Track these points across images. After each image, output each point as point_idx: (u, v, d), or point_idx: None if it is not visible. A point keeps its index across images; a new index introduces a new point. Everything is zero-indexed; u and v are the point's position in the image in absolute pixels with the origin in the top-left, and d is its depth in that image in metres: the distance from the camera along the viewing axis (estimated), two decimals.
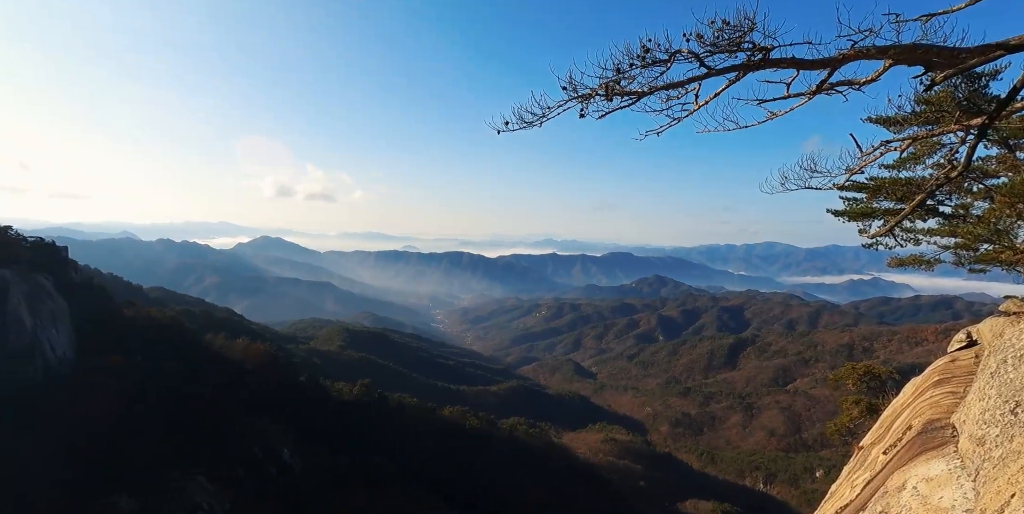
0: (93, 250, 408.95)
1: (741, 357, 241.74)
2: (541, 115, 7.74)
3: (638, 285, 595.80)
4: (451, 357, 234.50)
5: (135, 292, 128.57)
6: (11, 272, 45.61)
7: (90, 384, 44.50)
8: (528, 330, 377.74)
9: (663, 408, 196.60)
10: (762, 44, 7.18)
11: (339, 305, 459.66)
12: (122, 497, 32.72)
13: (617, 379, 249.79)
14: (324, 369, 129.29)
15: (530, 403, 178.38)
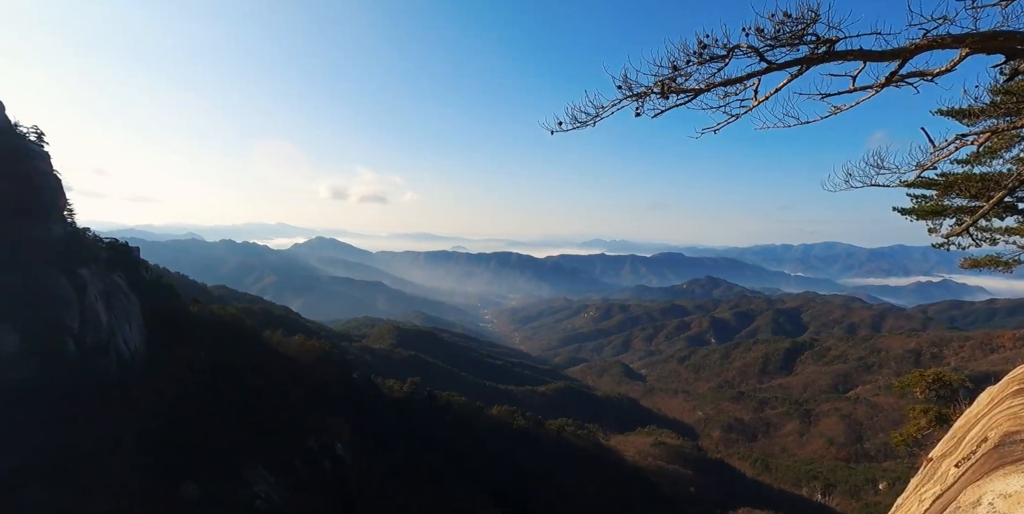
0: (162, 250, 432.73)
1: (798, 362, 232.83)
2: (595, 115, 7.70)
3: (689, 286, 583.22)
4: (499, 357, 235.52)
5: (200, 290, 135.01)
6: (89, 271, 48.66)
7: (160, 376, 47.02)
8: (576, 331, 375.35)
9: (715, 413, 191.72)
10: (826, 36, 6.94)
11: (390, 304, 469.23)
12: (189, 483, 34.51)
13: (667, 382, 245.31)
14: (376, 366, 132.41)
15: (578, 404, 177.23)
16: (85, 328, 44.33)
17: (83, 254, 50.65)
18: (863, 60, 7.27)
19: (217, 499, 35.29)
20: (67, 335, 42.26)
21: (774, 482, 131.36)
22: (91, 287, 46.69)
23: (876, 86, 7.56)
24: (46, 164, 53.06)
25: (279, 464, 45.31)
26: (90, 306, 45.43)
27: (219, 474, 37.63)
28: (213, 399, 47.32)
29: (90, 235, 59.02)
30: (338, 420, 64.09)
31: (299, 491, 44.02)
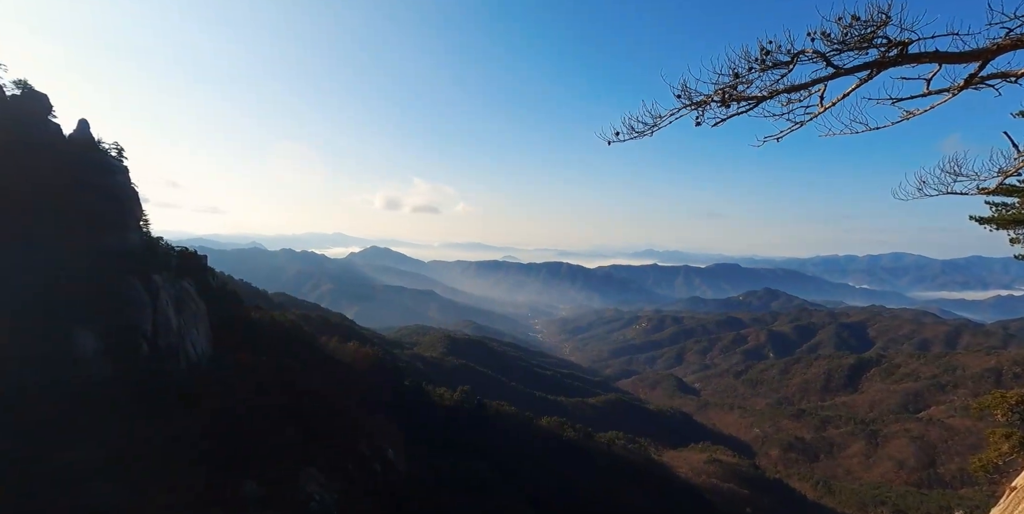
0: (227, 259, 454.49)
1: (864, 379, 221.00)
2: (652, 124, 7.65)
3: (746, 298, 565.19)
4: (549, 367, 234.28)
5: (261, 297, 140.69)
6: (162, 278, 51.59)
7: (224, 378, 49.17)
8: (628, 342, 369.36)
9: (773, 430, 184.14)
10: (898, 38, 6.68)
11: (441, 313, 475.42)
12: (249, 482, 35.78)
13: (722, 397, 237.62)
14: (427, 374, 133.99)
15: (629, 417, 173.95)
16: (157, 331, 46.91)
17: (156, 261, 53.77)
18: (939, 62, 6.96)
19: (274, 499, 36.41)
20: (141, 337, 44.82)
21: (838, 506, 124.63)
22: (163, 292, 49.43)
23: (954, 89, 7.21)
24: (125, 177, 56.84)
25: (332, 467, 46.36)
26: (162, 310, 48.07)
27: (275, 475, 38.84)
28: (272, 401, 49.02)
29: (163, 244, 62.60)
30: (390, 425, 65.20)
31: (351, 494, 44.87)
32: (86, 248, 47.18)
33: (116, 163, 57.15)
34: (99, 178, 53.58)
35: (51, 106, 54.97)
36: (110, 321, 43.09)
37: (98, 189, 52.35)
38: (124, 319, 44.45)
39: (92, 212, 49.74)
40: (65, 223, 46.79)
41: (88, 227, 48.64)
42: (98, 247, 48.66)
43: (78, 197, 49.50)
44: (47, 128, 53.91)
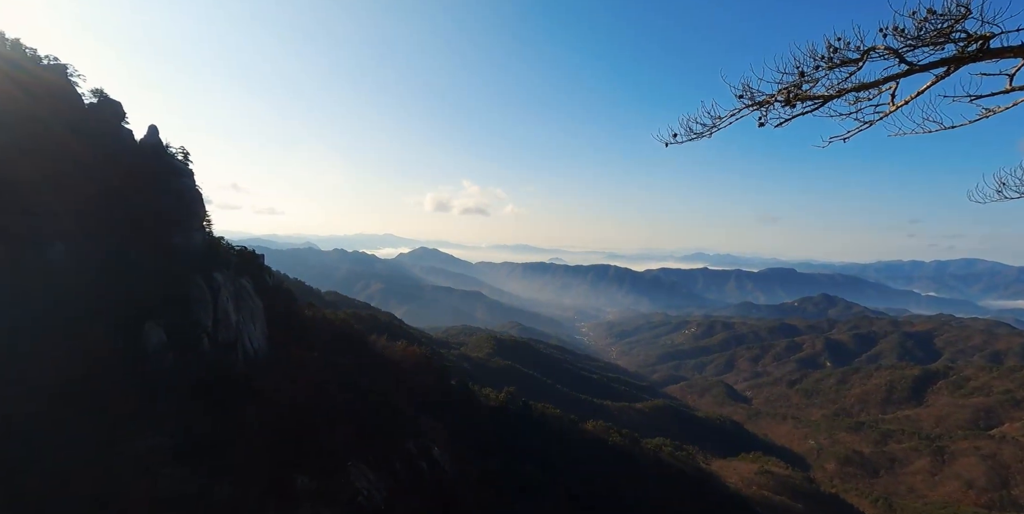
0: (283, 258, 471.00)
1: (929, 392, 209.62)
2: (711, 126, 7.51)
3: (801, 304, 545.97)
4: (595, 371, 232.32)
5: (314, 295, 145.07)
6: (223, 275, 53.88)
7: (278, 374, 50.93)
8: (676, 347, 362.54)
9: (829, 443, 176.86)
10: (978, 32, 6.34)
11: (488, 314, 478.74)
12: (301, 476, 36.95)
13: (775, 406, 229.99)
14: (473, 374, 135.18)
15: (676, 424, 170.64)
16: (217, 326, 49.03)
17: (218, 260, 56.20)
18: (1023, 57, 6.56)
19: (324, 493, 37.46)
20: (202, 332, 46.93)
21: None
22: (224, 289, 51.62)
23: None
24: (190, 180, 59.76)
25: (380, 464, 47.34)
26: (222, 307, 50.22)
27: (326, 469, 39.95)
28: (323, 397, 50.47)
29: (224, 243, 65.33)
30: (436, 425, 65.99)
31: (398, 491, 45.69)
32: (155, 247, 49.84)
33: (182, 167, 60.16)
34: (167, 181, 56.60)
35: (124, 113, 58.38)
36: (175, 316, 45.29)
37: (166, 191, 55.30)
38: (188, 315, 46.66)
39: (161, 213, 52.57)
40: (137, 224, 49.59)
41: (157, 227, 51.41)
42: (166, 246, 51.33)
43: (148, 199, 52.38)
44: (121, 134, 57.30)
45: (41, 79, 52.35)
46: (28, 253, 40.28)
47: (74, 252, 43.44)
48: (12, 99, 47.27)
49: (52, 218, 43.48)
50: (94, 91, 57.18)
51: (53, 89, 53.08)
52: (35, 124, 48.06)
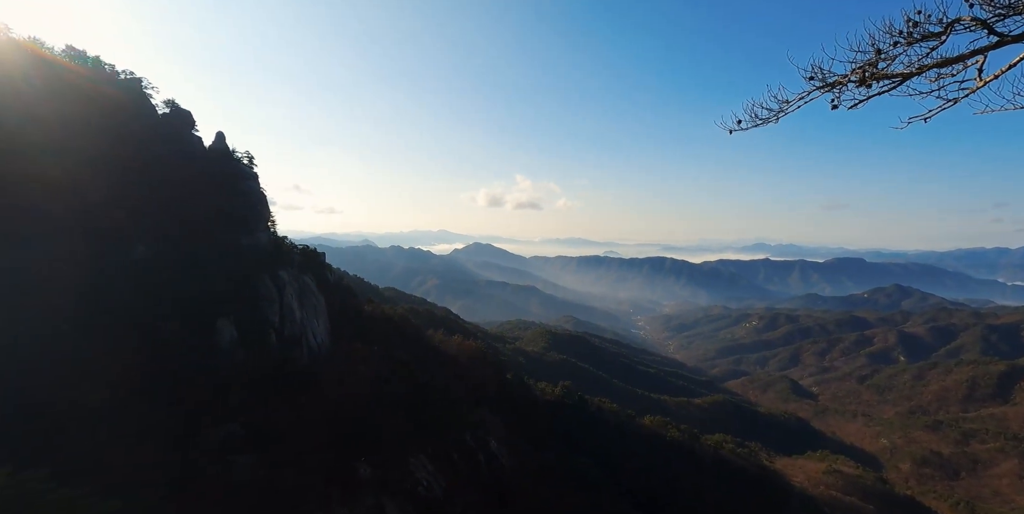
0: (342, 255, 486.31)
1: (1016, 389, 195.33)
2: (778, 110, 7.27)
3: (872, 295, 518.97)
4: (652, 365, 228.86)
5: (373, 291, 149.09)
6: (287, 273, 56.23)
7: (341, 367, 52.79)
8: (736, 341, 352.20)
9: (904, 442, 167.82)
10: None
11: (542, 308, 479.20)
12: (363, 466, 38.28)
13: (844, 403, 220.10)
14: (528, 368, 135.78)
15: (738, 420, 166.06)
16: (283, 322, 51.24)
17: (282, 258, 58.69)
18: None
19: (386, 482, 38.66)
20: (270, 328, 49.18)
21: None
22: (288, 287, 53.86)
23: None
24: (256, 183, 62.59)
25: (439, 456, 48.37)
26: (287, 303, 52.43)
27: (387, 460, 41.18)
28: (383, 390, 51.95)
29: (287, 242, 68.13)
30: (493, 418, 66.78)
31: (456, 483, 46.58)
32: (225, 247, 52.54)
33: (248, 170, 63.06)
34: (234, 184, 59.50)
35: (193, 121, 61.77)
36: (244, 313, 47.64)
37: (234, 194, 58.15)
38: (256, 311, 48.99)
39: (229, 215, 55.32)
40: (208, 225, 52.39)
41: (226, 228, 54.16)
42: (234, 246, 54.00)
43: (218, 202, 55.21)
44: (191, 141, 60.65)
45: (119, 92, 56.03)
46: (113, 252, 43.27)
47: (153, 252, 46.36)
48: (94, 112, 50.80)
49: (134, 220, 46.53)
50: (166, 102, 60.79)
51: (130, 102, 56.72)
52: (116, 134, 51.51)
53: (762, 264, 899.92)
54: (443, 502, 42.60)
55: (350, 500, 35.06)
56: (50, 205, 40.12)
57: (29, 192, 39.19)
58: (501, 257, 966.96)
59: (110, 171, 48.68)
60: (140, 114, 57.26)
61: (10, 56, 47.98)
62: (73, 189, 42.99)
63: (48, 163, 41.96)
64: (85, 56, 57.01)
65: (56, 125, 45.63)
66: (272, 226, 64.24)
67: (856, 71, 6.63)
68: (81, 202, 43.10)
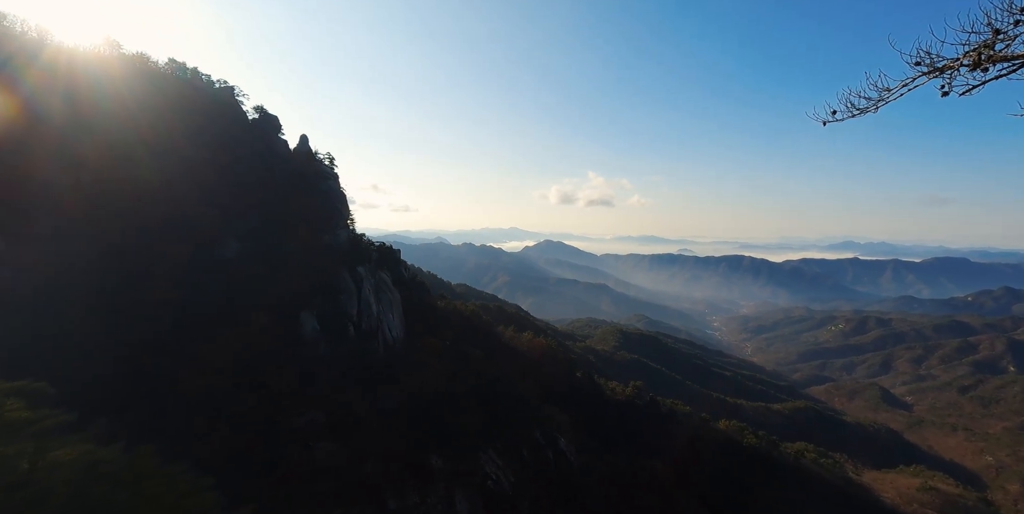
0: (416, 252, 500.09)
1: None
2: (878, 99, 6.84)
3: (977, 298, 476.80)
4: (728, 367, 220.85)
5: (445, 287, 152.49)
6: (365, 269, 58.59)
7: (415, 361, 54.45)
8: (820, 345, 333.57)
9: (1013, 460, 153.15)
10: None
11: (613, 306, 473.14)
12: (435, 457, 39.43)
13: (942, 415, 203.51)
14: (598, 367, 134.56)
15: (821, 429, 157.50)
16: (361, 316, 53.46)
17: (360, 255, 61.17)
18: None
19: (456, 474, 39.62)
20: (348, 321, 51.46)
21: None
22: (366, 282, 56.11)
23: None
24: (336, 183, 65.59)
25: (508, 451, 48.95)
26: (365, 298, 54.64)
27: (457, 452, 42.16)
28: (454, 384, 53.11)
29: (365, 239, 70.96)
30: (562, 416, 66.72)
31: (524, 478, 47.00)
32: (307, 244, 55.47)
33: (329, 170, 66.19)
34: (316, 184, 62.61)
35: (280, 125, 65.57)
36: (325, 306, 50.13)
37: (316, 194, 61.21)
38: (336, 305, 51.39)
39: (312, 213, 58.32)
40: (292, 223, 55.49)
41: (309, 226, 57.13)
42: (316, 243, 56.89)
43: (301, 201, 58.33)
44: (278, 144, 64.37)
45: (214, 101, 60.28)
46: (208, 250, 46.71)
47: (243, 249, 49.63)
48: (190, 119, 54.94)
49: (226, 219, 50.02)
50: (255, 108, 64.86)
51: (223, 109, 60.89)
52: (210, 139, 55.50)
53: (850, 263, 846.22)
54: (511, 496, 43.11)
55: (422, 489, 36.20)
56: (148, 208, 43.81)
57: (128, 196, 42.96)
58: (572, 254, 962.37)
59: (204, 174, 52.55)
60: (232, 120, 61.40)
61: (118, 70, 52.73)
62: (168, 192, 46.72)
63: (146, 169, 45.81)
64: (185, 68, 61.75)
65: (155, 133, 49.74)
66: (351, 224, 67.11)
67: (970, 54, 6.12)
68: (175, 204, 46.79)
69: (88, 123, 43.89)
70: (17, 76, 40.41)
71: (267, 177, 59.33)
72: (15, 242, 33.40)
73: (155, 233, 42.98)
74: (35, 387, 10.86)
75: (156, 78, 57.02)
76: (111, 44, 56.38)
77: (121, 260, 38.78)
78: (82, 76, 46.89)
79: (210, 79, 63.33)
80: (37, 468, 9.45)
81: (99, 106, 45.54)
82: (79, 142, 41.94)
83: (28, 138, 38.13)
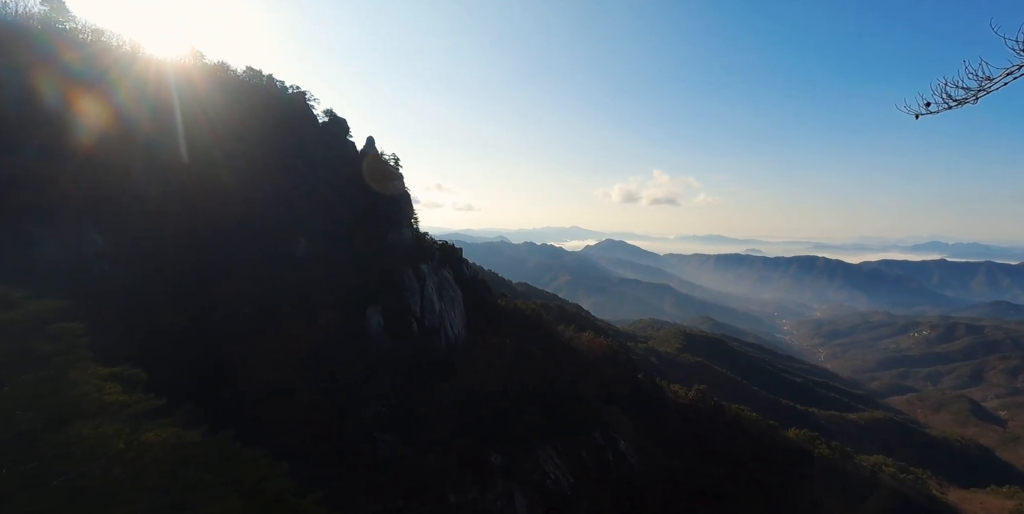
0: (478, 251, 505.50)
1: None
2: (978, 89, 6.38)
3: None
4: (799, 373, 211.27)
5: (506, 286, 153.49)
6: (428, 267, 59.87)
7: (476, 358, 55.17)
8: (902, 353, 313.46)
9: None
10: None
11: (676, 307, 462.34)
12: (494, 454, 39.81)
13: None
14: (660, 369, 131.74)
15: (901, 442, 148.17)
16: (424, 313, 54.65)
17: (424, 253, 62.53)
18: None
19: (514, 472, 39.85)
20: (412, 317, 52.73)
21: None
22: (429, 279, 57.32)
23: None
24: (401, 183, 67.29)
25: (568, 451, 48.78)
26: (428, 295, 55.83)
27: (516, 450, 42.38)
28: (514, 382, 53.40)
29: (428, 238, 72.43)
30: (623, 418, 65.83)
31: (584, 479, 46.69)
32: (373, 242, 57.26)
33: (394, 171, 67.99)
34: (382, 184, 64.44)
35: (348, 128, 68.00)
36: (390, 303, 51.58)
37: (382, 194, 63.00)
38: (400, 302, 52.76)
39: (378, 213, 60.13)
40: (359, 222, 57.43)
41: (375, 225, 58.95)
42: (382, 241, 58.61)
43: (368, 201, 60.24)
44: (346, 145, 66.76)
45: (286, 105, 63.21)
46: (281, 247, 49.03)
47: (313, 247, 51.79)
48: (265, 123, 57.79)
49: (297, 219, 52.36)
50: (325, 111, 67.47)
51: (295, 113, 63.71)
52: (283, 142, 58.21)
53: (936, 265, 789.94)
54: (570, 497, 42.95)
55: (481, 485, 36.66)
56: (226, 208, 46.39)
57: (207, 197, 45.63)
58: (634, 254, 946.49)
59: (276, 176, 55.18)
60: (304, 123, 64.13)
61: (200, 80, 56.10)
62: (243, 193, 49.30)
63: (223, 172, 48.52)
64: (261, 75, 64.93)
65: (232, 137, 52.60)
66: (415, 223, 68.69)
67: None
68: (250, 205, 49.34)
69: (171, 130, 46.97)
70: (111, 88, 43.68)
71: (335, 178, 61.75)
72: (112, 239, 36.22)
73: (233, 232, 45.54)
74: (130, 373, 11.77)
75: (234, 86, 60.29)
76: (195, 55, 60.03)
77: (202, 256, 41.32)
78: (168, 86, 50.16)
79: (284, 85, 66.33)
80: (131, 447, 10.26)
81: (182, 114, 48.63)
82: (163, 148, 44.98)
83: (120, 145, 41.18)
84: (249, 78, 63.79)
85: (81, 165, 36.46)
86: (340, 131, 67.54)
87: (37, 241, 31.58)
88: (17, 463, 8.84)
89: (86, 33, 49.71)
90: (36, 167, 33.33)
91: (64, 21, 48.47)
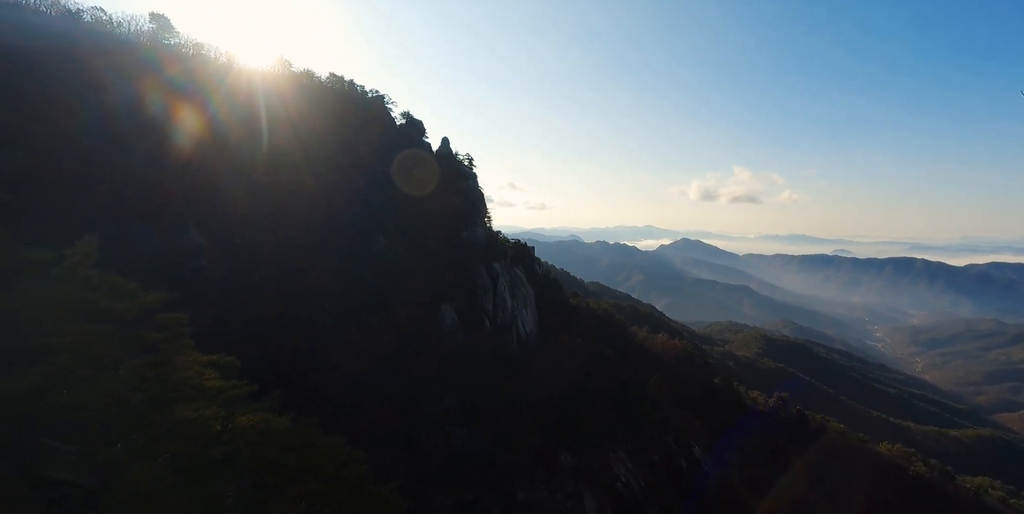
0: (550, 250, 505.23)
1: None
2: None
3: None
4: (892, 384, 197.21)
5: (578, 285, 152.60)
6: (500, 265, 60.57)
7: (547, 357, 55.22)
8: (1014, 365, 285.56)
9: None
10: None
11: (756, 310, 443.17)
12: (565, 453, 39.75)
13: None
14: (738, 374, 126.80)
15: (1011, 463, 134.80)
16: (496, 310, 55.33)
17: (496, 251, 63.29)
18: None
19: (584, 472, 39.59)
20: (484, 315, 53.52)
21: None
22: (502, 277, 57.98)
23: None
24: (475, 182, 68.44)
25: (639, 454, 47.93)
26: (500, 293, 56.47)
27: (586, 450, 42.09)
28: (586, 382, 53.04)
29: (501, 236, 73.22)
30: (697, 423, 63.96)
31: (655, 483, 45.73)
32: (448, 240, 58.59)
33: (468, 170, 69.25)
34: (456, 184, 65.79)
35: (424, 129, 69.90)
36: (463, 300, 52.59)
37: (456, 193, 64.34)
38: (473, 299, 53.69)
39: (453, 211, 61.44)
40: (434, 221, 58.87)
41: (449, 223, 60.28)
42: (456, 239, 59.85)
43: (443, 199, 61.67)
44: (423, 146, 68.55)
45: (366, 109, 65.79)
46: (360, 246, 51.07)
47: (390, 245, 53.59)
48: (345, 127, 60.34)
49: (375, 217, 54.35)
50: (403, 114, 69.67)
51: (374, 116, 66.20)
52: (363, 144, 60.56)
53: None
54: (640, 501, 42.20)
55: (551, 483, 36.70)
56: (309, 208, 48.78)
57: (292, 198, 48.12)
58: (711, 254, 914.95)
59: (355, 177, 57.49)
60: (383, 126, 66.48)
61: (286, 87, 59.35)
62: (323, 194, 51.62)
63: (306, 174, 51.05)
64: (343, 80, 67.86)
65: (314, 140, 55.24)
66: (488, 221, 69.64)
67: None
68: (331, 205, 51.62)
69: (258, 136, 50.02)
70: (207, 98, 47.13)
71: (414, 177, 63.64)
72: (208, 238, 39.05)
73: (315, 231, 47.88)
74: (226, 361, 12.67)
75: (318, 91, 63.42)
76: (283, 64, 63.63)
77: (288, 254, 43.73)
78: (256, 95, 53.51)
79: (363, 89, 69.03)
80: (227, 430, 11.06)
81: (267, 120, 51.74)
82: (251, 153, 48.00)
83: (213, 151, 44.31)
84: (332, 84, 66.86)
85: (181, 169, 39.52)
86: (416, 133, 69.48)
87: (144, 237, 34.50)
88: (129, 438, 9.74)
89: (188, 47, 53.95)
90: (144, 170, 36.45)
91: (169, 37, 52.76)
